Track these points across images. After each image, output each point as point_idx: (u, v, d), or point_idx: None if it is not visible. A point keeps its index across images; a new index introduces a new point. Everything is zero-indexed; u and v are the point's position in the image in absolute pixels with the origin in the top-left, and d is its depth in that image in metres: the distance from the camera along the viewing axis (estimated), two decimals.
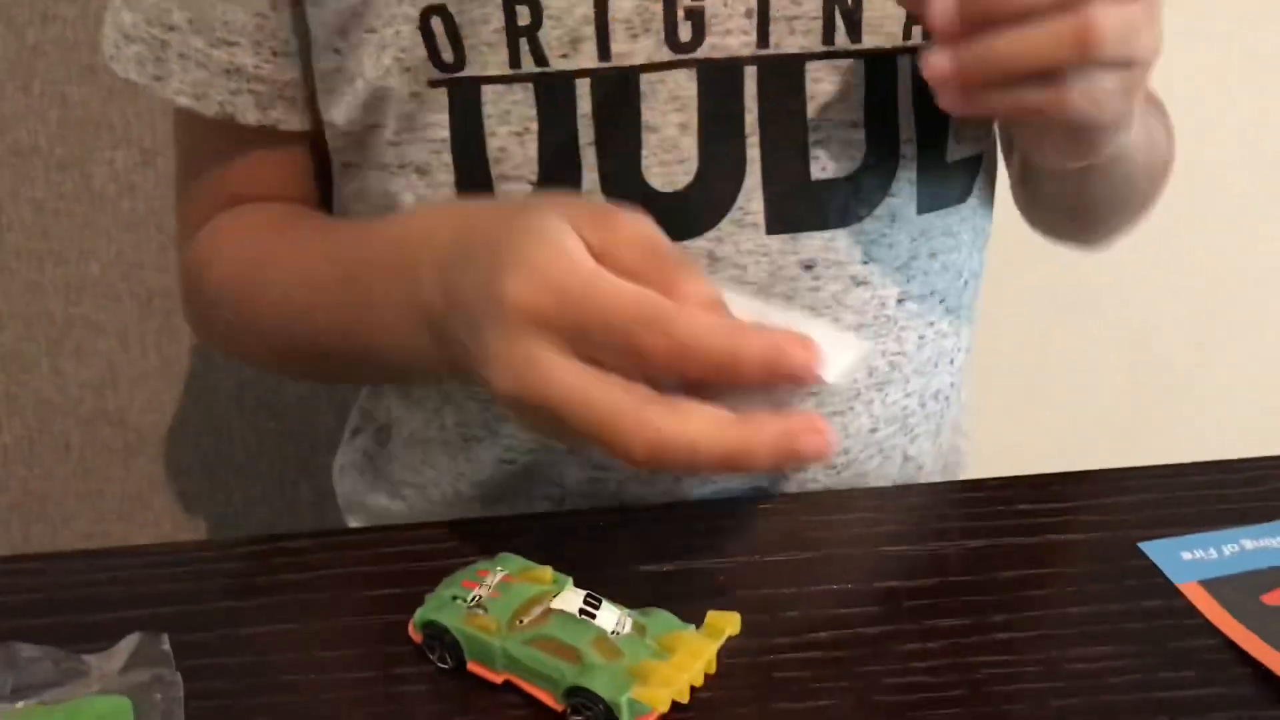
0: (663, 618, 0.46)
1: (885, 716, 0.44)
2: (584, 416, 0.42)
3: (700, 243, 0.57)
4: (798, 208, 0.53)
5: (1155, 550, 0.51)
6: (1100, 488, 0.55)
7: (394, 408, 0.68)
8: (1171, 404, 1.25)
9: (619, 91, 0.54)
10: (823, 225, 0.57)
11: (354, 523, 0.73)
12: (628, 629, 0.44)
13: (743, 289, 0.54)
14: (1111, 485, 0.55)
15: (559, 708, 0.43)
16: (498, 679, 0.44)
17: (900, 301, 0.61)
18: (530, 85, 0.54)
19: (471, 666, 0.45)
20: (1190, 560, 0.51)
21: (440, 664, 0.46)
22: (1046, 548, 0.52)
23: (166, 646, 0.47)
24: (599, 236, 0.44)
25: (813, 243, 0.57)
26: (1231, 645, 0.46)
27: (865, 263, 0.59)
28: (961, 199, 0.62)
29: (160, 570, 0.52)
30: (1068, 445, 1.18)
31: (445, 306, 0.48)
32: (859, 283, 0.59)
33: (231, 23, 0.57)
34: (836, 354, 0.42)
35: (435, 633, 0.45)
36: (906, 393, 0.63)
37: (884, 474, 0.63)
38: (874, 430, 0.62)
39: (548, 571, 0.47)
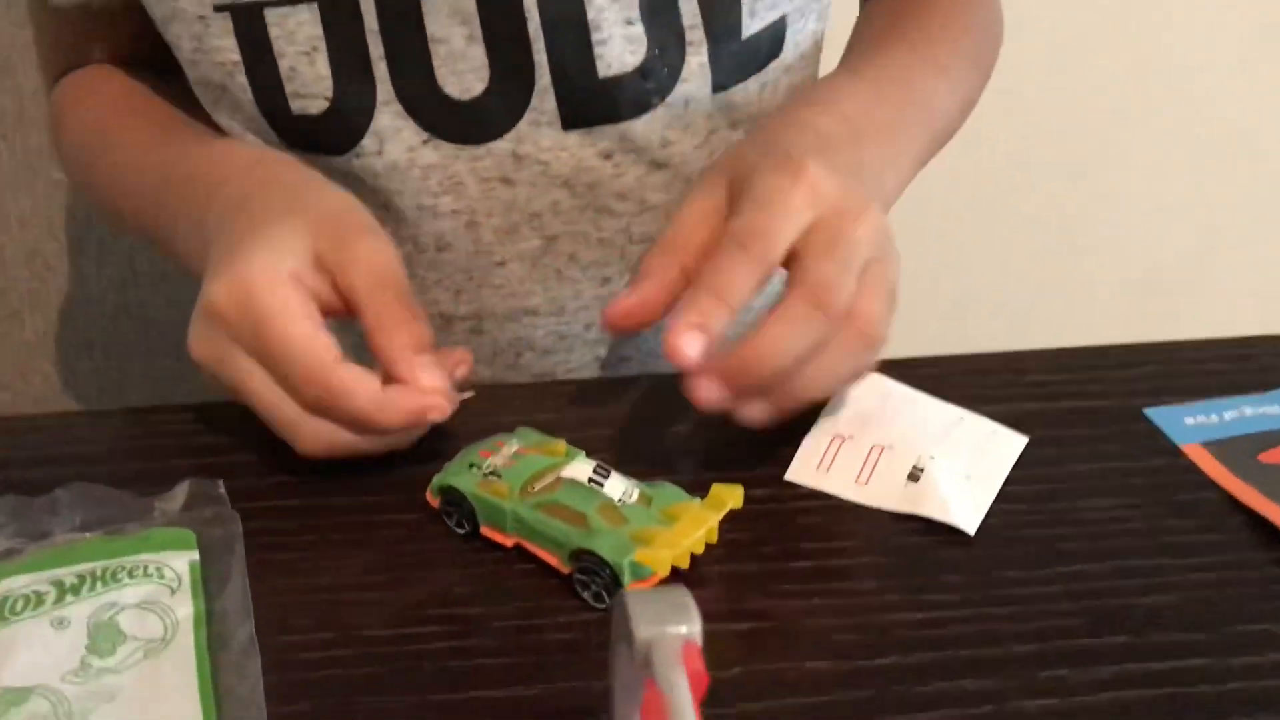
0: (669, 490, 0.47)
1: (893, 556, 0.47)
2: (256, 406, 0.49)
3: (502, 144, 0.60)
4: (590, 104, 0.55)
5: (1160, 416, 0.54)
6: (1106, 361, 0.58)
7: None
8: (1173, 286, 1.29)
9: (402, 6, 0.56)
10: (616, 118, 0.60)
11: None
12: (634, 498, 0.46)
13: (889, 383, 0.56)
14: (1117, 358, 0.58)
15: (565, 570, 0.45)
16: (508, 542, 0.47)
17: None
18: (315, 5, 0.56)
19: (484, 530, 0.47)
20: (1193, 424, 0.53)
21: (457, 529, 0.48)
22: (1055, 414, 0.54)
23: (222, 490, 0.49)
24: (336, 257, 0.49)
25: (609, 133, 0.60)
26: (1230, 498, 0.49)
27: (663, 146, 0.62)
28: (767, 61, 0.64)
29: (207, 424, 0.55)
30: (1071, 322, 1.23)
31: (203, 252, 0.52)
32: (658, 166, 0.63)
33: None
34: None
35: (453, 498, 0.47)
36: None
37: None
38: None
39: (561, 444, 0.49)
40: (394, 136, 0.60)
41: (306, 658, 0.43)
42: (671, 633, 0.27)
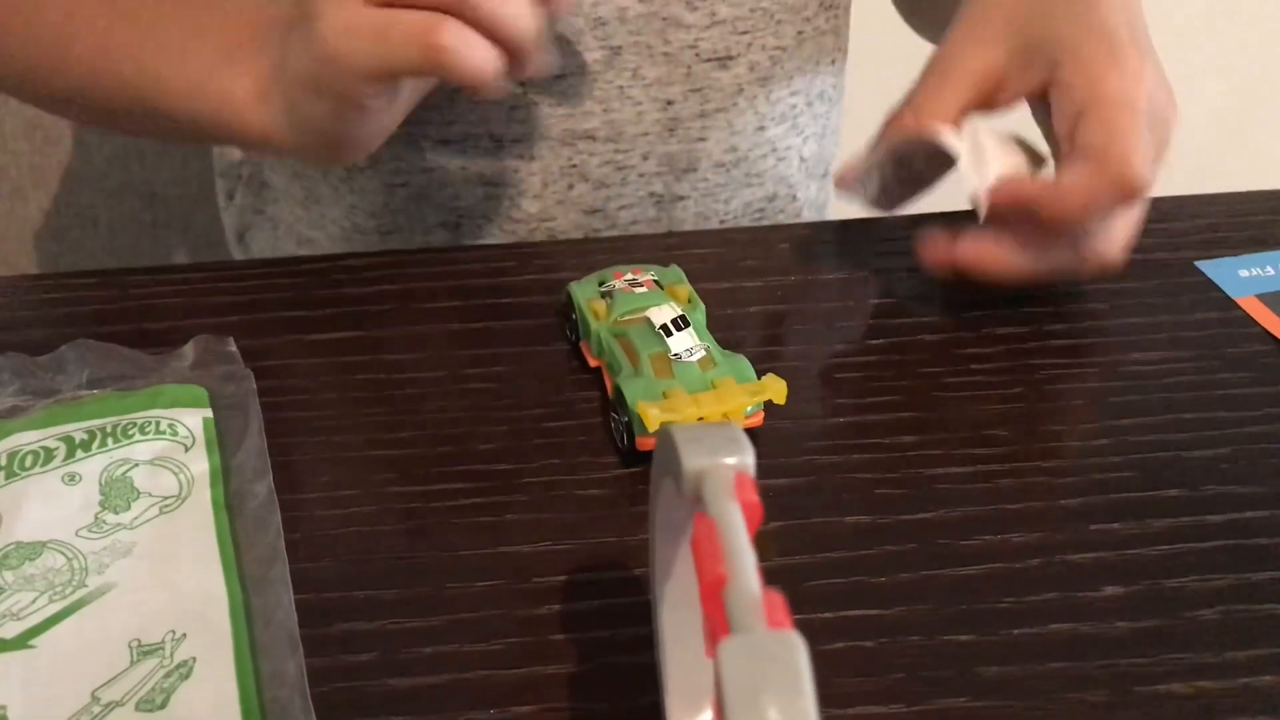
0: (737, 362, 0.44)
1: (934, 412, 0.45)
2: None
3: None
4: None
5: (1212, 268, 0.51)
6: (1153, 214, 0.55)
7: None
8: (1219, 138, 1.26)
9: None
10: None
11: None
12: (696, 358, 0.44)
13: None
14: (1164, 211, 0.55)
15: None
16: (594, 363, 0.47)
17: None
18: None
19: (582, 345, 0.48)
20: (1248, 277, 0.51)
21: (569, 334, 0.49)
22: None
23: (233, 348, 0.47)
24: None
25: None
26: None
27: None
28: None
29: (219, 284, 0.53)
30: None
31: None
32: None
33: None
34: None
35: (573, 307, 0.48)
36: (791, 90, 0.63)
37: (780, 175, 0.64)
38: (761, 128, 0.63)
39: (687, 290, 0.48)
40: None
41: (327, 514, 0.41)
42: (724, 463, 0.25)
